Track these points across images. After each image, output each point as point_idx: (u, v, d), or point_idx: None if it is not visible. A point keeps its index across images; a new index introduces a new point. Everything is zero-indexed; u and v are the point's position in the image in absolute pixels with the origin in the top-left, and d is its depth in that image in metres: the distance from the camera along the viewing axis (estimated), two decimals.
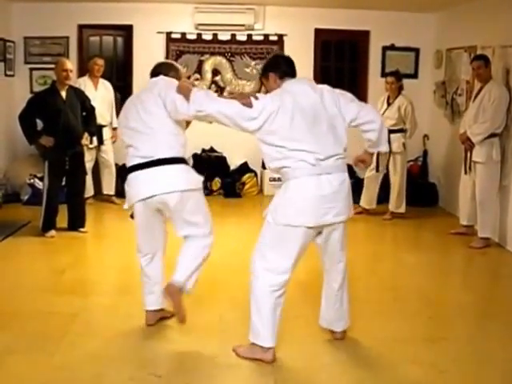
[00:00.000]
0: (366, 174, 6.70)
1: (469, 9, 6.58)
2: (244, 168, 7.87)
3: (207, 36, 7.75)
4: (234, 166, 7.91)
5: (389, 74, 6.80)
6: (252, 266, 3.18)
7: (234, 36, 7.77)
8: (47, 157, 5.55)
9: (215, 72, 7.85)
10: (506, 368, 3.22)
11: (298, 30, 7.69)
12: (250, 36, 7.77)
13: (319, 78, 7.45)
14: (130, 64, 7.78)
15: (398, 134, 6.48)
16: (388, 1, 7.03)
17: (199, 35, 7.73)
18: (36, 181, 6.82)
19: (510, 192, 5.58)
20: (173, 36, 7.68)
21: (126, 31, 7.73)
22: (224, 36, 7.77)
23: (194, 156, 7.61)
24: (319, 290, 3.47)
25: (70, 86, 5.66)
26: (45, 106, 5.48)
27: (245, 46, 7.82)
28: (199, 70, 7.79)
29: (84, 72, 7.11)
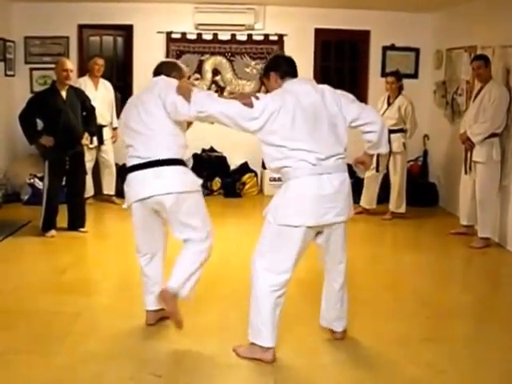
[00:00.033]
0: (366, 174, 6.70)
1: (469, 9, 6.58)
2: (244, 168, 7.88)
3: (207, 36, 7.75)
4: (234, 166, 7.91)
5: (389, 73, 6.81)
6: (252, 266, 3.18)
7: (234, 36, 7.77)
8: (47, 157, 5.56)
9: (215, 72, 7.85)
10: (504, 368, 3.22)
11: (298, 30, 7.69)
12: (250, 36, 7.77)
13: (319, 77, 7.44)
14: (130, 64, 7.78)
15: (398, 134, 6.49)
16: (388, 1, 7.03)
17: (199, 35, 7.74)
18: (36, 181, 6.82)
19: (510, 192, 5.59)
20: (173, 36, 7.69)
21: (126, 31, 7.73)
22: (224, 36, 7.77)
23: (194, 156, 7.58)
24: (319, 290, 3.48)
25: (70, 86, 5.66)
26: (45, 105, 5.49)
27: (245, 46, 7.83)
28: (199, 69, 7.80)
29: (84, 72, 7.11)
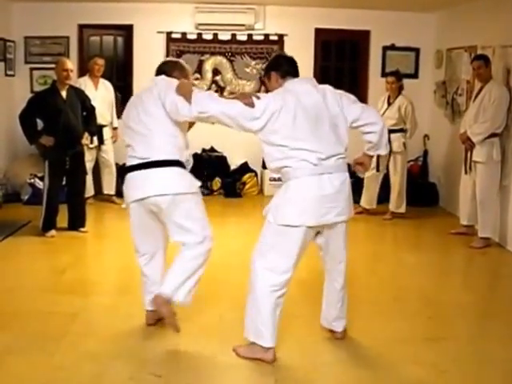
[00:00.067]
0: (367, 174, 6.65)
1: (469, 9, 6.58)
2: (244, 168, 7.87)
3: (207, 36, 7.75)
4: (234, 166, 7.91)
5: (389, 73, 6.80)
6: (252, 266, 3.17)
7: (234, 36, 7.76)
8: (47, 156, 5.55)
9: (215, 72, 7.85)
10: (507, 368, 3.22)
11: (298, 30, 7.69)
12: (250, 36, 7.76)
13: (319, 77, 7.43)
14: (130, 64, 7.78)
15: (398, 134, 6.48)
16: (388, 1, 7.02)
17: (199, 35, 7.73)
18: (36, 180, 6.82)
19: (510, 192, 5.58)
20: (173, 36, 7.68)
21: (127, 31, 7.73)
22: (224, 36, 7.77)
23: (195, 156, 7.58)
24: (319, 290, 3.48)
25: (70, 86, 5.66)
26: (45, 105, 5.48)
27: (245, 46, 7.82)
28: (199, 69, 7.79)
29: (84, 72, 7.11)
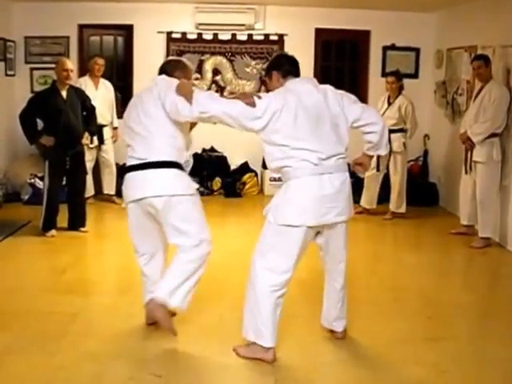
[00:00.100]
0: (367, 174, 6.66)
1: (469, 8, 6.57)
2: (244, 168, 7.87)
3: (208, 36, 7.75)
4: (234, 166, 7.91)
5: (389, 73, 6.80)
6: (252, 266, 3.17)
7: (234, 36, 7.76)
8: (48, 156, 5.55)
9: (215, 72, 7.85)
10: (507, 368, 3.22)
11: (298, 30, 7.69)
12: (250, 36, 7.77)
13: (320, 77, 7.39)
14: (130, 64, 7.78)
15: (398, 134, 6.48)
16: (388, 1, 7.02)
17: (200, 35, 7.73)
18: (36, 180, 6.82)
19: (510, 192, 5.58)
20: (173, 36, 7.68)
21: (127, 31, 7.73)
22: (224, 36, 7.77)
23: (195, 156, 7.57)
24: (319, 290, 3.48)
25: (70, 86, 5.66)
26: (45, 105, 5.48)
27: (245, 46, 7.82)
28: (199, 69, 7.79)
29: (84, 72, 7.11)
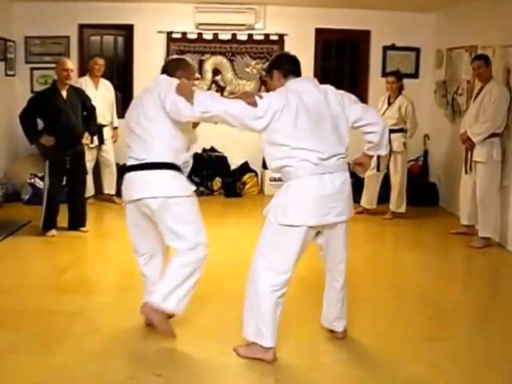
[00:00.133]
0: (367, 174, 6.66)
1: (469, 8, 6.57)
2: (244, 168, 7.87)
3: (208, 36, 7.75)
4: (234, 166, 7.90)
5: (389, 73, 6.80)
6: (253, 266, 3.17)
7: (234, 36, 7.76)
8: (48, 156, 5.55)
9: (216, 72, 7.85)
10: (506, 368, 3.22)
11: (298, 30, 7.69)
12: (250, 36, 7.77)
13: (320, 77, 7.28)
14: (130, 64, 7.78)
15: (398, 134, 6.48)
16: (389, 1, 7.02)
17: (200, 35, 7.73)
18: (37, 180, 6.82)
19: (510, 192, 5.58)
20: (173, 36, 7.68)
21: (127, 31, 7.73)
22: (224, 36, 7.77)
23: (195, 155, 7.56)
24: (320, 290, 3.48)
25: (70, 86, 5.66)
26: (45, 105, 5.48)
27: (245, 46, 7.82)
28: (200, 69, 7.78)
29: (85, 72, 7.11)
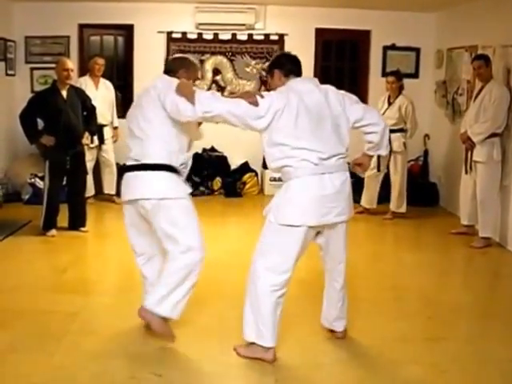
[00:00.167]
0: (367, 174, 6.67)
1: (469, 8, 6.57)
2: (245, 168, 7.88)
3: (208, 35, 7.75)
4: (234, 166, 7.91)
5: (389, 73, 6.80)
6: (253, 266, 3.17)
7: (234, 35, 7.76)
8: (48, 156, 5.55)
9: (216, 71, 7.85)
10: (507, 368, 3.22)
11: (298, 30, 7.69)
12: (250, 35, 7.77)
13: (320, 77, 7.22)
14: (130, 63, 7.78)
15: (398, 134, 6.48)
16: (389, 0, 7.02)
17: (200, 35, 7.73)
18: (37, 180, 6.82)
19: (510, 192, 5.58)
20: (173, 35, 7.68)
21: (127, 31, 7.73)
22: (225, 35, 7.77)
23: (195, 155, 7.58)
24: (320, 289, 3.48)
25: (70, 86, 5.66)
26: (45, 105, 5.48)
27: (245, 46, 7.82)
28: (200, 69, 7.79)
29: (85, 71, 7.11)
